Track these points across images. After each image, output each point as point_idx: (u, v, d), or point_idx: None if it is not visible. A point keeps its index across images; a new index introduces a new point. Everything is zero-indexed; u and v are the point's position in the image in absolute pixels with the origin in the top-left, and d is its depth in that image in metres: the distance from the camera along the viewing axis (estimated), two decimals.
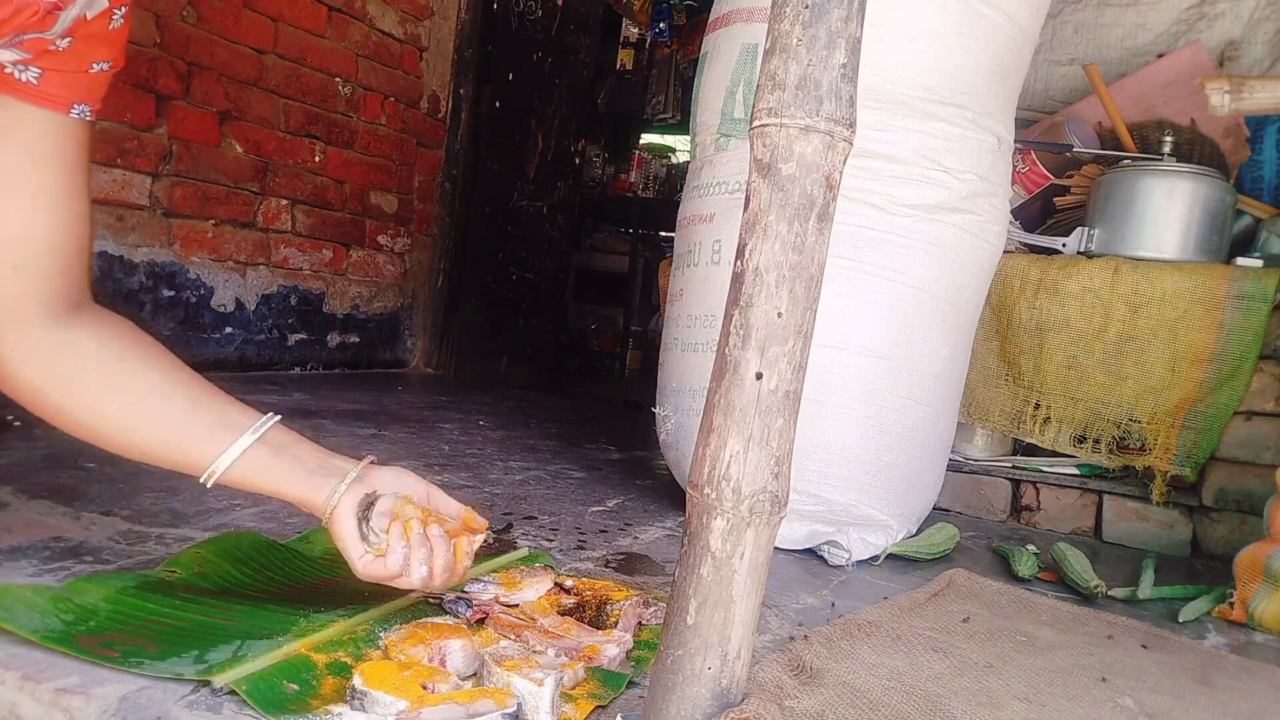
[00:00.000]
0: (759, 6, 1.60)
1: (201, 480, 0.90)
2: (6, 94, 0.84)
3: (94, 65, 0.87)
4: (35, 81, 0.84)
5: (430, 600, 1.06)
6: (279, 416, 0.93)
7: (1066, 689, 1.05)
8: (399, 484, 0.96)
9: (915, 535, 1.69)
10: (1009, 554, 1.67)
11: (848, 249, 1.50)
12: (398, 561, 0.90)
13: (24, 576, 1.01)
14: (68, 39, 0.84)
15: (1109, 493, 2.00)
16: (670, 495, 1.94)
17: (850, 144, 0.74)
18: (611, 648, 0.98)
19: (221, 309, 2.98)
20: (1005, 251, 1.84)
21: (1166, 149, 1.99)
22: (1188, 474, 1.88)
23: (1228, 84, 1.77)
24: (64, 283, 0.88)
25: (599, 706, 0.87)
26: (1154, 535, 1.94)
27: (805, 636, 1.09)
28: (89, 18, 0.84)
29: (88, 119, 0.89)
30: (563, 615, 1.07)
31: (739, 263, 0.74)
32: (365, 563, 0.90)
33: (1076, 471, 2.03)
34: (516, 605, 1.07)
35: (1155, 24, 2.60)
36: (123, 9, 0.87)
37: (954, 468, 2.01)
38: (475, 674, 0.89)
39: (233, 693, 0.79)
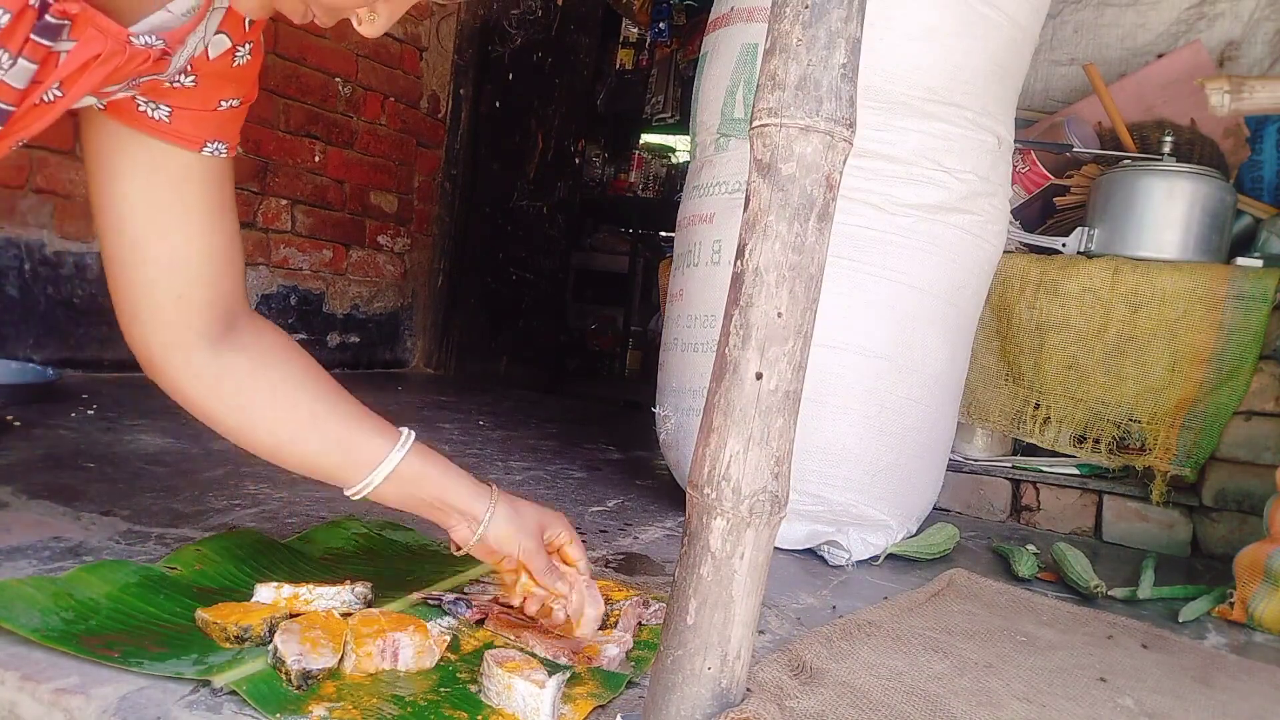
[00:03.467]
0: (759, 6, 1.60)
1: (350, 495, 0.96)
2: (139, 130, 0.86)
3: (222, 103, 0.89)
4: (166, 120, 0.86)
5: (430, 601, 1.06)
6: (412, 436, 0.99)
7: (1066, 689, 1.05)
8: (502, 543, 0.99)
9: (915, 535, 1.69)
10: (1009, 554, 1.67)
11: (848, 249, 1.50)
12: (565, 605, 0.99)
13: (24, 577, 1.00)
14: (192, 77, 0.85)
15: (1109, 493, 2.00)
16: (670, 495, 1.94)
17: (850, 144, 0.74)
18: (611, 648, 0.98)
19: None
20: (1005, 251, 1.84)
21: (1166, 149, 1.99)
22: (1188, 474, 1.88)
23: (1228, 84, 1.77)
24: (221, 307, 0.92)
25: (599, 706, 0.87)
26: (1154, 535, 1.94)
27: (805, 637, 1.09)
28: (211, 57, 0.86)
29: (223, 156, 0.91)
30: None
31: (739, 263, 0.74)
32: (547, 577, 0.98)
33: (1076, 471, 2.03)
34: (516, 606, 1.07)
35: (1155, 24, 2.60)
36: (247, 45, 0.88)
37: (954, 468, 2.01)
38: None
39: (233, 693, 0.79)
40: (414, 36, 3.67)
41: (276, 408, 0.93)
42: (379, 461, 0.95)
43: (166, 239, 0.88)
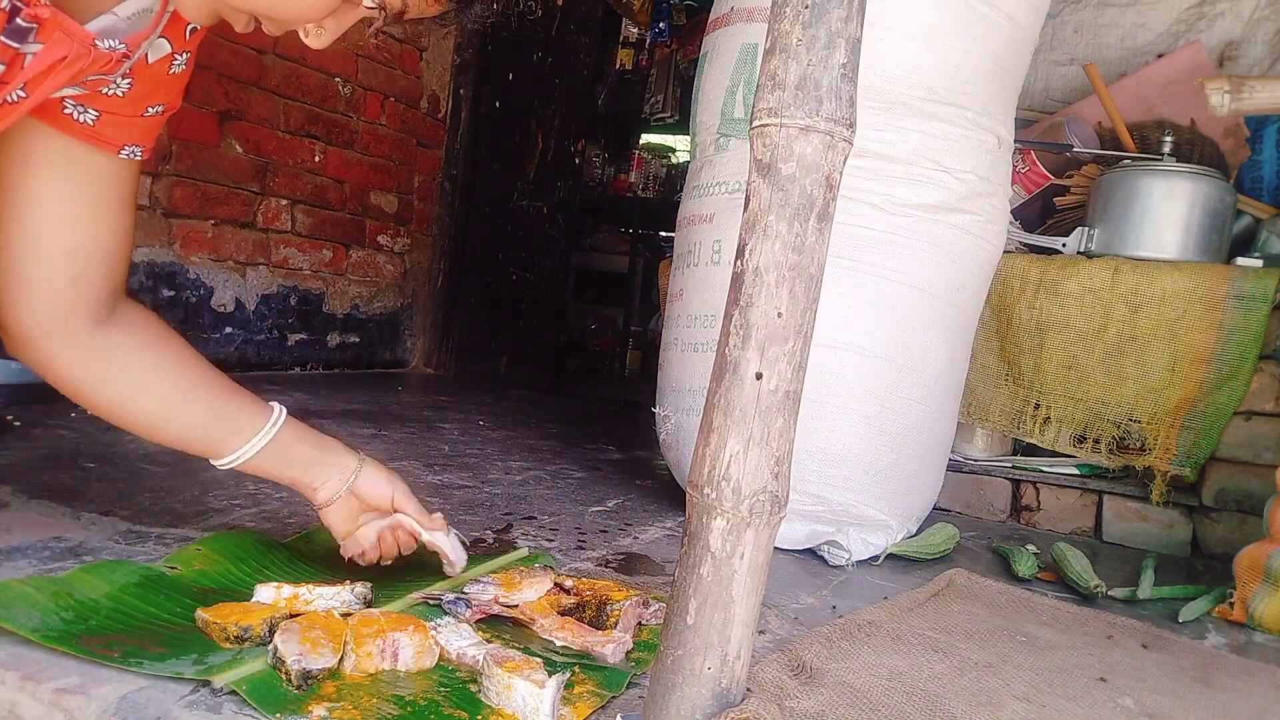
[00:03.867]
0: (759, 6, 1.60)
1: (219, 465, 1.05)
2: (62, 131, 0.88)
3: (149, 109, 0.91)
4: (91, 123, 0.88)
5: (430, 601, 1.06)
6: (283, 411, 1.06)
7: (1066, 689, 1.05)
8: (371, 491, 1.12)
9: (915, 535, 1.69)
10: (1009, 554, 1.67)
11: (848, 249, 1.50)
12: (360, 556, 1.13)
13: (24, 577, 1.00)
14: (128, 80, 0.87)
15: (1109, 493, 2.00)
16: (670, 495, 1.94)
17: (850, 144, 0.74)
18: (609, 647, 0.98)
19: (221, 309, 2.98)
20: (1005, 251, 1.84)
21: (1166, 149, 1.99)
22: (1188, 474, 1.88)
23: (1228, 84, 1.77)
24: (109, 292, 0.97)
25: (599, 706, 0.87)
26: (1154, 535, 1.94)
27: (805, 637, 1.09)
28: (150, 61, 0.88)
29: (137, 158, 0.94)
30: (563, 615, 1.07)
31: (739, 263, 0.74)
32: (425, 518, 1.15)
33: (1076, 471, 2.03)
34: (516, 606, 1.07)
35: (1155, 24, 2.60)
36: (185, 55, 0.91)
37: (954, 468, 2.01)
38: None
39: (233, 693, 0.79)
40: (414, 36, 3.67)
41: (157, 383, 1.00)
42: (257, 430, 1.03)
43: (70, 230, 0.92)
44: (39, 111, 0.86)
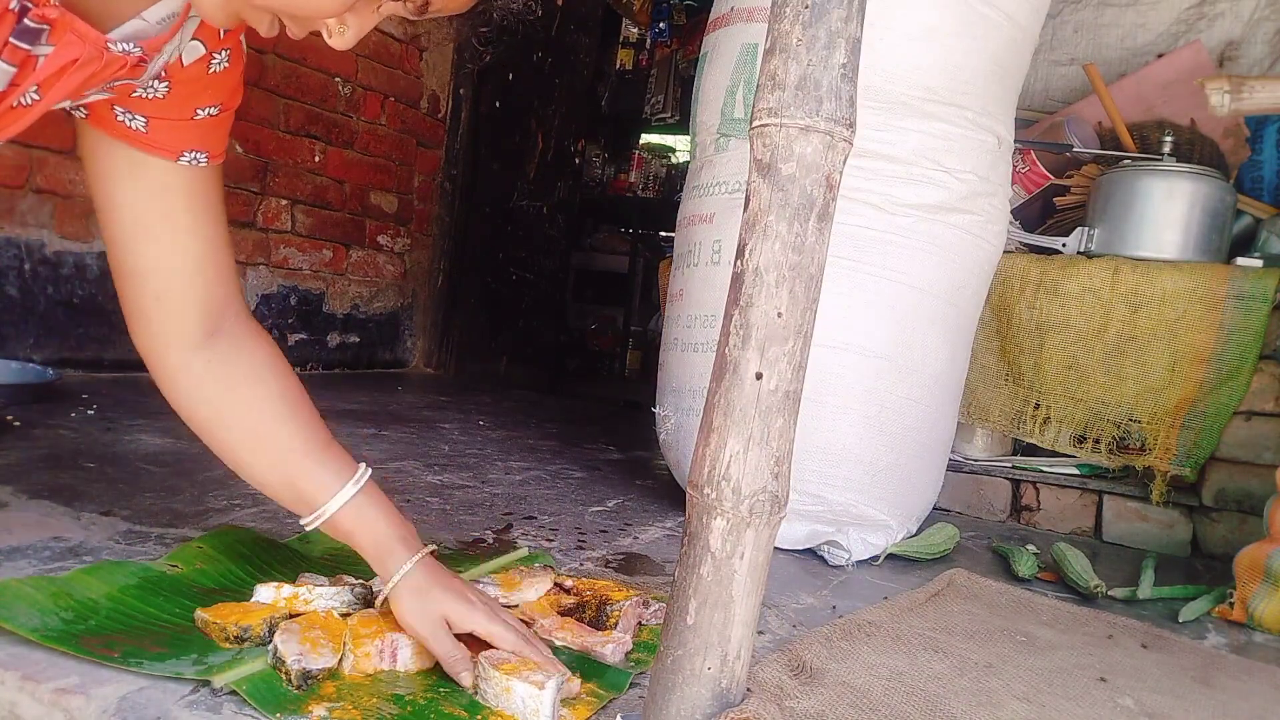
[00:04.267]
0: (759, 6, 1.60)
1: (303, 524, 0.95)
2: (122, 141, 0.87)
3: (199, 111, 0.89)
4: (143, 130, 0.86)
5: None
6: (367, 472, 0.97)
7: (1066, 689, 1.05)
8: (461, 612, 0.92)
9: (915, 535, 1.69)
10: (1009, 554, 1.67)
11: (848, 249, 1.50)
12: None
13: (24, 577, 1.00)
14: (166, 84, 0.85)
15: (1109, 493, 2.00)
16: (670, 495, 1.94)
17: (850, 144, 0.74)
18: (609, 647, 0.98)
19: None
20: (1005, 251, 1.84)
21: (1166, 149, 1.99)
22: (1188, 474, 1.88)
23: (1228, 84, 1.77)
24: (201, 310, 0.93)
25: (600, 707, 0.87)
26: (1154, 535, 1.94)
27: (805, 637, 1.09)
28: (185, 64, 0.85)
29: (202, 165, 0.91)
30: (562, 615, 1.07)
31: (739, 263, 0.74)
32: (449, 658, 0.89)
33: (1076, 471, 2.03)
34: (516, 606, 1.07)
35: (1155, 24, 2.60)
36: (224, 52, 0.88)
37: (954, 468, 2.01)
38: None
39: (233, 693, 0.79)
40: (414, 36, 3.67)
41: (240, 424, 0.94)
42: (323, 502, 0.93)
43: (149, 243, 0.90)
44: (95, 121, 0.86)
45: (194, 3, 0.75)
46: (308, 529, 0.95)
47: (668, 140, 5.46)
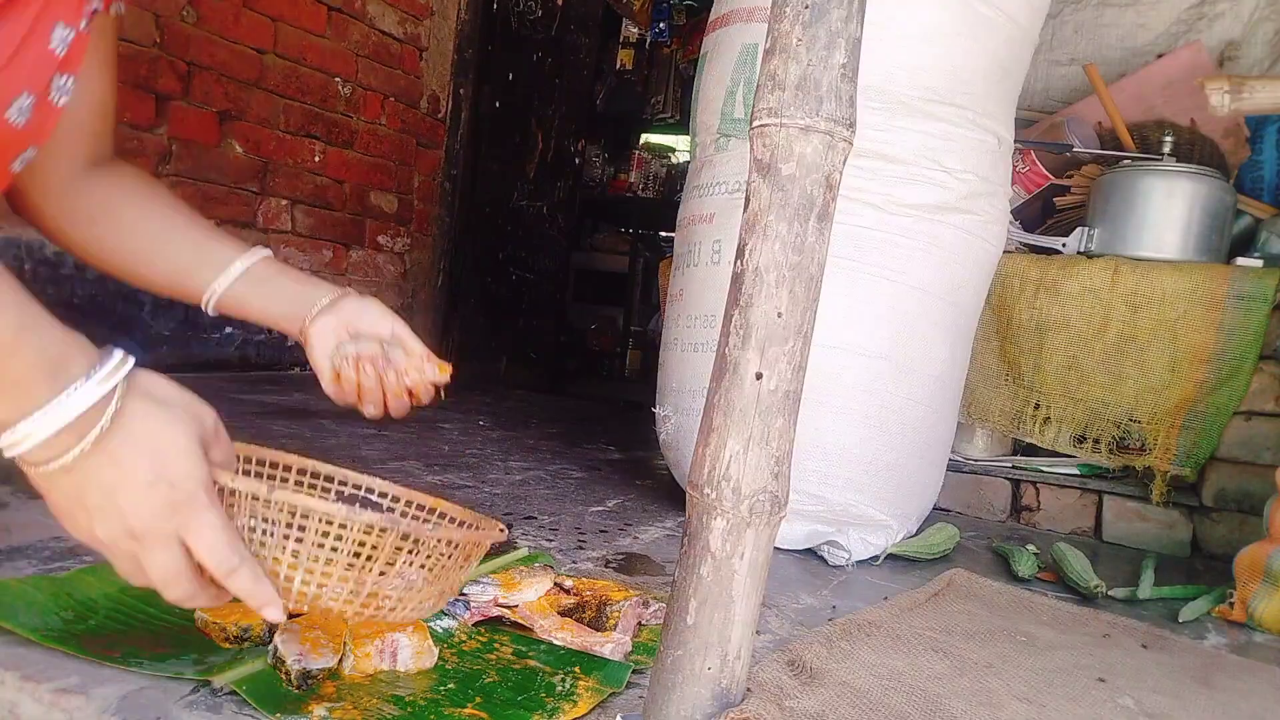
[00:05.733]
0: (759, 6, 1.60)
1: (202, 305, 1.01)
2: None
3: None
4: None
5: None
6: (268, 251, 1.04)
7: (1066, 689, 1.05)
8: (365, 317, 1.03)
9: (915, 535, 1.69)
10: (1009, 554, 1.67)
11: (848, 249, 1.50)
12: (353, 397, 1.03)
13: (24, 577, 1.00)
14: None
15: (1109, 493, 2.00)
16: (670, 495, 1.94)
17: (850, 144, 0.74)
18: (609, 649, 0.98)
19: None
20: (1005, 251, 1.84)
21: (1166, 149, 1.99)
22: (1188, 474, 1.88)
23: (1228, 84, 1.77)
24: (103, 143, 1.00)
25: (598, 703, 0.87)
26: (1154, 535, 1.94)
27: (805, 637, 1.09)
28: None
29: (121, 12, 0.97)
30: (562, 615, 1.07)
31: (739, 263, 0.74)
32: (331, 389, 1.03)
33: (1076, 471, 2.03)
34: (515, 606, 1.07)
35: (1155, 24, 2.60)
36: None
37: (954, 468, 2.01)
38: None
39: (233, 693, 0.79)
40: (414, 36, 3.67)
41: (139, 224, 1.00)
42: (233, 260, 1.00)
43: (83, 84, 0.93)
44: None
45: None
46: (208, 309, 1.00)
47: (668, 140, 5.46)
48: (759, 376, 0.72)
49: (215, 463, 0.67)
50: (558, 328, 4.11)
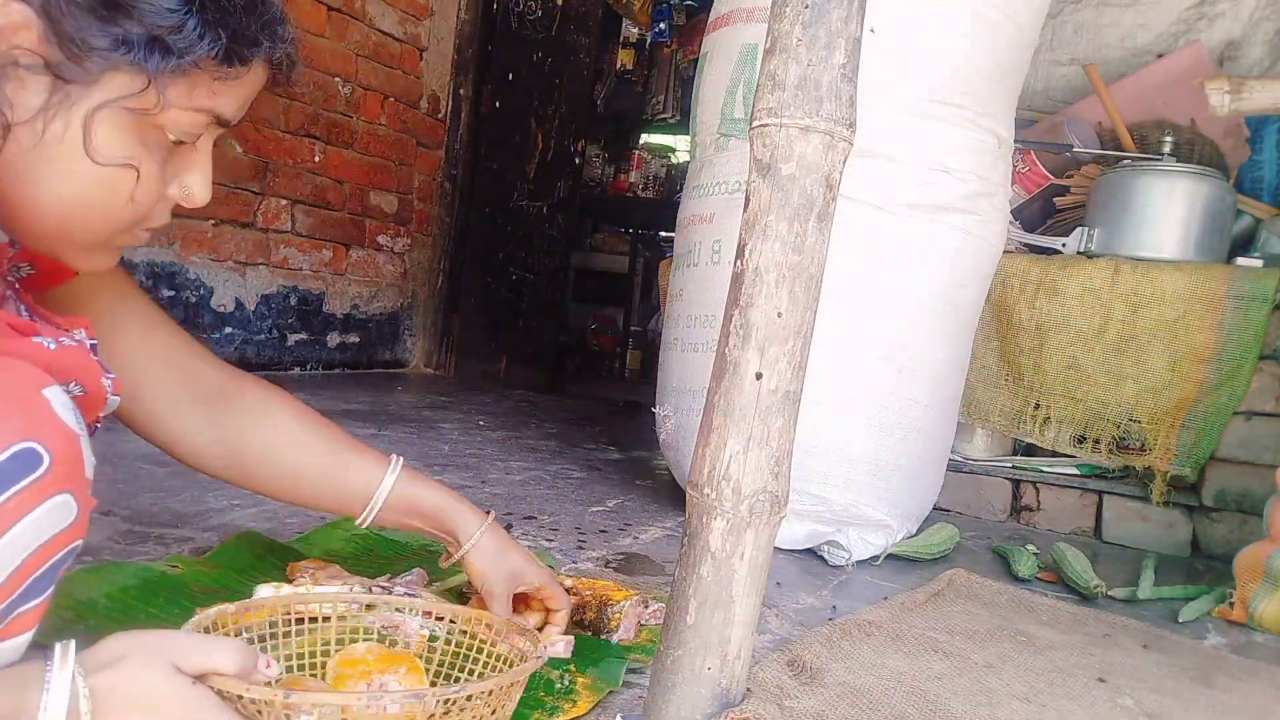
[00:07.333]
0: (759, 6, 1.60)
1: (359, 522, 0.99)
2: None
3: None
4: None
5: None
6: (401, 460, 1.01)
7: (1066, 689, 1.05)
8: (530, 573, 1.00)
9: (915, 535, 1.69)
10: (1009, 554, 1.67)
11: (848, 249, 1.50)
12: None
13: None
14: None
15: (1109, 493, 2.00)
16: (670, 495, 1.94)
17: (850, 144, 0.74)
18: (559, 644, 0.95)
19: (221, 309, 2.98)
20: (1005, 251, 1.84)
21: (1166, 149, 1.99)
22: (1188, 474, 1.88)
23: (1228, 84, 1.77)
24: (193, 382, 0.96)
25: (598, 701, 0.87)
26: (1154, 535, 1.94)
27: (805, 637, 1.09)
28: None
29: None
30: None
31: (739, 263, 0.74)
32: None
33: (1076, 471, 2.03)
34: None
35: (1155, 24, 2.61)
36: None
37: (954, 468, 2.01)
38: None
39: None
40: (414, 36, 3.67)
41: (269, 464, 0.97)
42: (371, 494, 0.98)
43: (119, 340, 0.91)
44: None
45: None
46: (364, 526, 0.99)
47: (668, 140, 5.46)
48: (759, 376, 0.72)
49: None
50: (558, 328, 4.11)
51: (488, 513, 1.01)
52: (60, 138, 0.63)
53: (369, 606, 0.96)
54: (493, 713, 0.71)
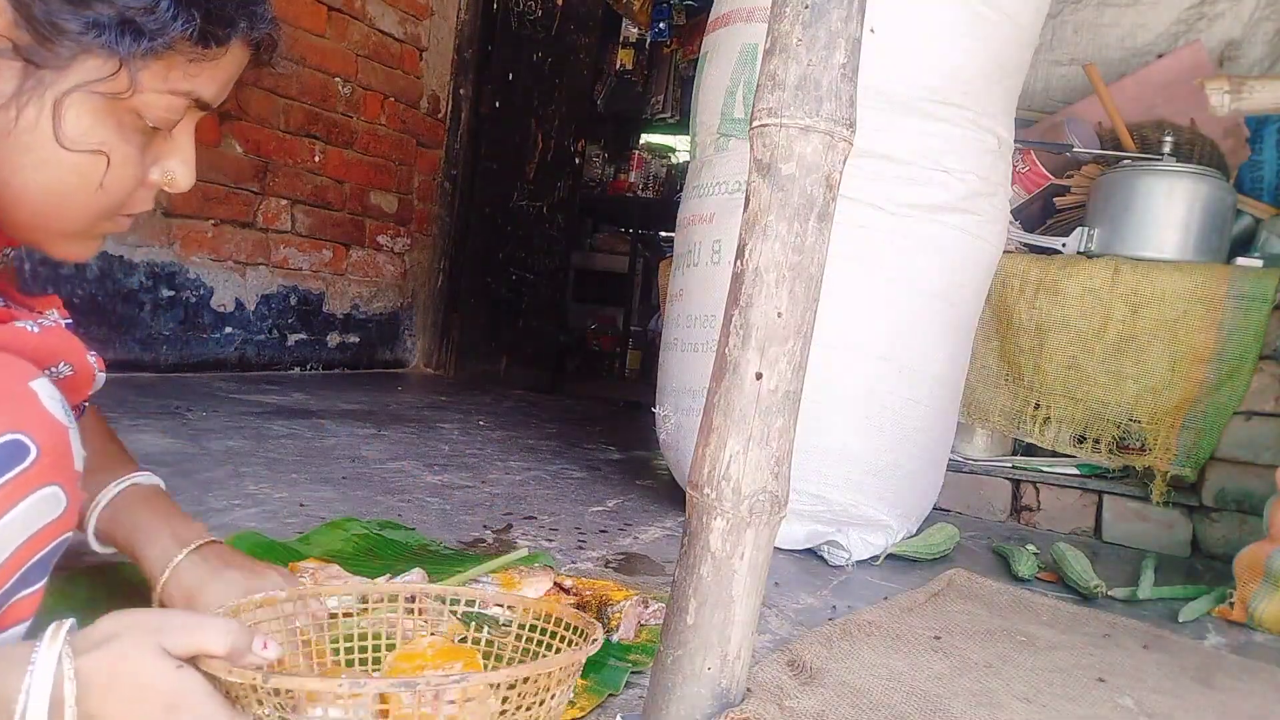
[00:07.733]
0: (759, 6, 1.60)
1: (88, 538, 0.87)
2: None
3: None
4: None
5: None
6: (144, 476, 0.90)
7: (1066, 689, 1.05)
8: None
9: (915, 535, 1.69)
10: (1009, 554, 1.67)
11: (848, 249, 1.50)
12: None
13: None
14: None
15: (1109, 493, 2.00)
16: (670, 495, 1.94)
17: (850, 144, 0.74)
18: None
19: (221, 309, 2.98)
20: (1005, 251, 1.84)
21: (1166, 149, 1.99)
22: (1188, 474, 1.88)
23: (1228, 84, 1.77)
24: None
25: (598, 704, 0.87)
26: (1154, 535, 1.94)
27: (805, 637, 1.09)
28: None
29: None
30: None
31: (739, 263, 0.74)
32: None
33: (1076, 471, 2.03)
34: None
35: (1155, 24, 2.61)
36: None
37: (954, 468, 2.01)
38: None
39: None
40: (414, 36, 3.67)
41: None
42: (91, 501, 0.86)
43: None
44: None
45: None
46: (93, 542, 0.86)
47: (668, 140, 5.47)
48: (759, 376, 0.72)
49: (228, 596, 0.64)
50: (558, 328, 4.11)
51: (210, 540, 0.86)
52: (34, 124, 0.62)
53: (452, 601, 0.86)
54: (541, 703, 0.65)
